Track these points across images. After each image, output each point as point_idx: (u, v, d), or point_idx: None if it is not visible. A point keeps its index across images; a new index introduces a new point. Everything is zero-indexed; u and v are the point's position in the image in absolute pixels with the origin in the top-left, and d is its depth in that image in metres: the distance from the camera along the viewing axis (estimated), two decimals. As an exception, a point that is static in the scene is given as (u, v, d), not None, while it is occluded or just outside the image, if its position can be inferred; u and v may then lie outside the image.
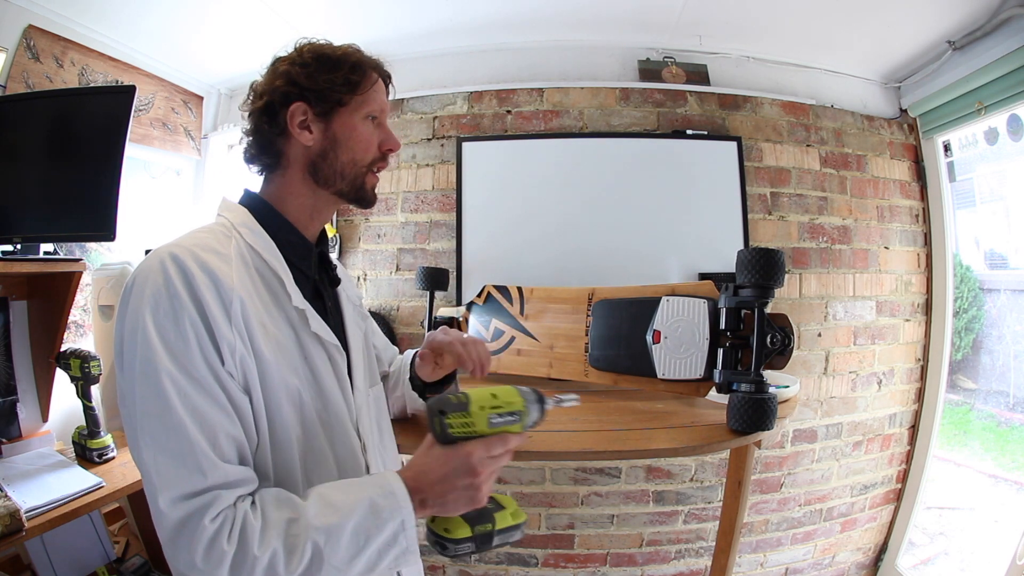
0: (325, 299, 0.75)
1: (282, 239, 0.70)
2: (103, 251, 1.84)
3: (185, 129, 2.14)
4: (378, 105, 0.74)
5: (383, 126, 0.75)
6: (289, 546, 0.53)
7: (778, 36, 1.94)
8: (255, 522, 0.53)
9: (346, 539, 0.55)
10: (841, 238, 2.02)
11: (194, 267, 0.57)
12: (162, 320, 0.55)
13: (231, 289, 0.59)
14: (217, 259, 0.60)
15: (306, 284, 0.71)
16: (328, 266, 0.79)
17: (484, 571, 1.97)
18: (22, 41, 1.53)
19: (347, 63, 0.71)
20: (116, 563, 1.53)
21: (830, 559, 2.09)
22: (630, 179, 1.92)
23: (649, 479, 1.93)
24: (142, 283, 0.57)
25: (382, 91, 0.75)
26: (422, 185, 1.98)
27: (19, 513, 1.04)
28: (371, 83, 0.73)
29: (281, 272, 0.66)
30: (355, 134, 0.71)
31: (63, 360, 1.39)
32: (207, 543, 0.51)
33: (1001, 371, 2.47)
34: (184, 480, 0.52)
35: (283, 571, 0.52)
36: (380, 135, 0.74)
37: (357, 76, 0.71)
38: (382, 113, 0.75)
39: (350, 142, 0.71)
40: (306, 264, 0.72)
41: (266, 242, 0.68)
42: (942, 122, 1.99)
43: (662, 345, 1.15)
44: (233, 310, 0.58)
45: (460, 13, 1.81)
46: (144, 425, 0.54)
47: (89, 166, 1.35)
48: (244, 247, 0.65)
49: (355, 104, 0.71)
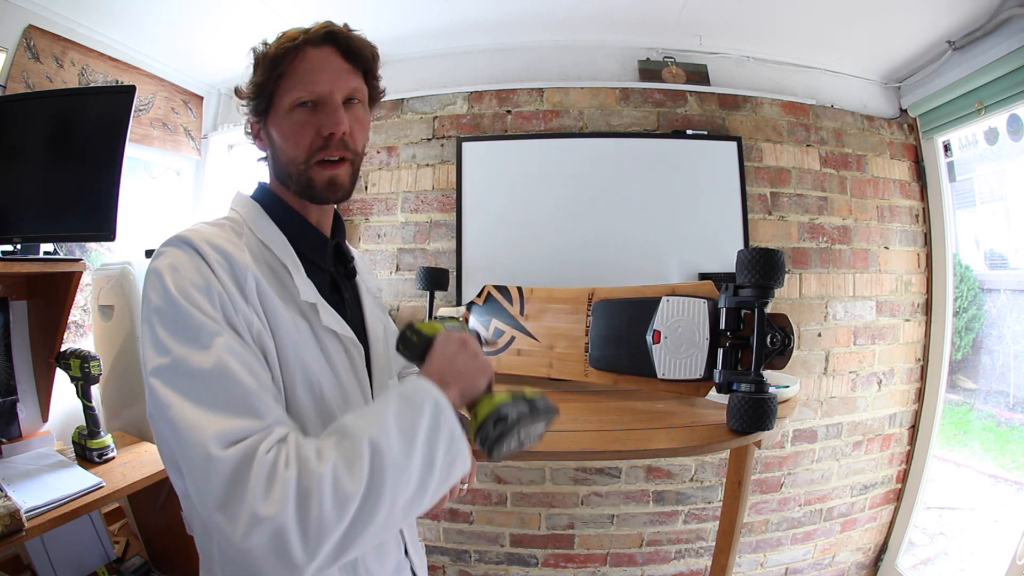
0: (343, 292, 0.73)
1: (294, 232, 0.68)
2: (103, 251, 1.84)
3: (185, 129, 2.14)
4: (303, 88, 0.63)
5: (324, 106, 0.64)
6: (347, 455, 0.49)
7: (778, 36, 1.94)
8: (308, 444, 0.51)
9: (394, 431, 0.51)
10: (841, 238, 2.02)
11: (206, 247, 0.57)
12: (185, 285, 0.54)
13: (245, 266, 0.58)
14: (229, 245, 0.60)
15: (321, 277, 0.69)
16: (345, 258, 0.76)
17: (484, 571, 1.97)
18: (22, 41, 1.53)
19: (266, 60, 0.65)
20: (116, 563, 1.53)
21: (830, 559, 2.09)
22: (630, 179, 1.92)
23: (649, 479, 1.93)
24: (158, 264, 0.56)
25: (312, 66, 0.64)
26: (422, 185, 1.98)
27: (19, 513, 1.04)
28: (289, 64, 0.64)
29: (291, 265, 0.65)
30: (282, 130, 0.65)
31: (63, 360, 1.39)
32: (267, 475, 0.47)
33: (1001, 371, 2.47)
34: (234, 421, 0.49)
35: (348, 482, 0.48)
36: (318, 119, 0.64)
37: (281, 67, 0.64)
38: (313, 92, 0.64)
39: (281, 140, 0.66)
40: (320, 256, 0.70)
41: (276, 235, 0.66)
42: (942, 122, 1.99)
43: (662, 345, 1.15)
44: (248, 286, 0.57)
45: (460, 13, 1.81)
46: (178, 379, 0.51)
47: (89, 166, 1.35)
48: (255, 242, 0.64)
49: (279, 100, 0.65)
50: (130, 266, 1.57)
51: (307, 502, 0.46)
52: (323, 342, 0.64)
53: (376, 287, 0.83)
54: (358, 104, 0.69)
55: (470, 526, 1.95)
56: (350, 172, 0.68)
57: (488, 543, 1.95)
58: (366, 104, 0.71)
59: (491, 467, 1.91)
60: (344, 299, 0.73)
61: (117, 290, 1.56)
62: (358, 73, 0.68)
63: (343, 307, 0.71)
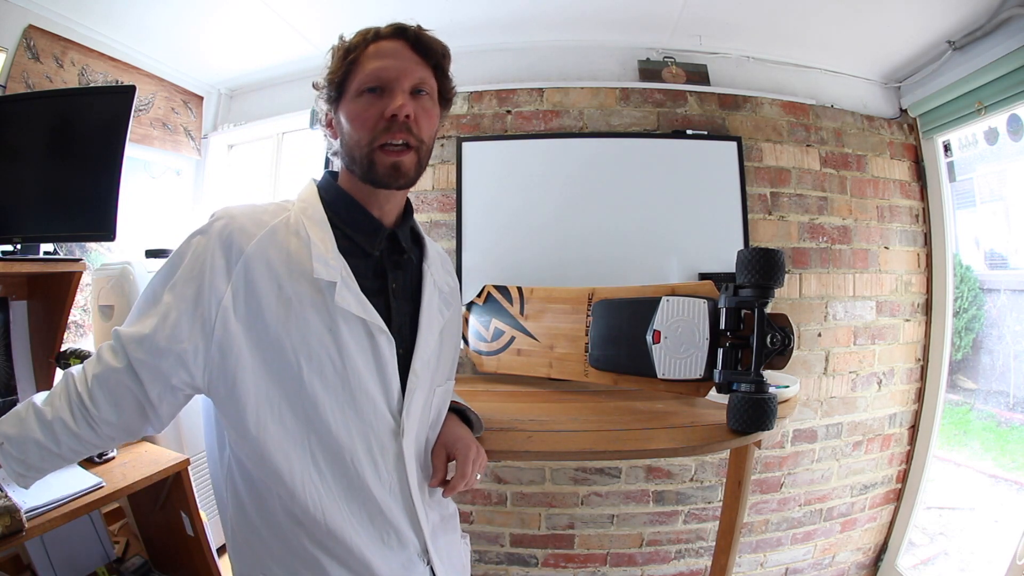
0: (389, 279, 0.73)
1: (345, 216, 0.71)
2: (103, 251, 1.84)
3: (185, 129, 2.14)
4: (370, 74, 0.68)
5: (390, 92, 0.68)
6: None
7: (778, 36, 1.94)
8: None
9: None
10: (841, 238, 2.02)
11: (218, 226, 0.65)
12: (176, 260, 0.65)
13: (241, 250, 0.64)
14: (252, 225, 0.66)
15: (367, 262, 0.71)
16: (400, 248, 0.75)
17: (484, 571, 1.97)
18: (22, 41, 1.53)
19: (342, 48, 0.70)
20: (116, 563, 1.53)
21: (830, 559, 2.09)
22: (630, 179, 1.92)
23: (649, 479, 1.93)
24: (192, 237, 0.66)
25: (381, 56, 0.68)
26: (422, 185, 1.98)
27: (19, 513, 1.04)
28: (358, 55, 0.69)
29: (316, 241, 0.66)
30: (349, 115, 0.69)
31: (63, 360, 1.39)
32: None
33: (1001, 371, 2.47)
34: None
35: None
36: (383, 103, 0.68)
37: (351, 58, 0.69)
38: (379, 79, 0.68)
39: (349, 124, 0.69)
40: (369, 241, 0.71)
41: (317, 215, 0.70)
42: (942, 122, 1.99)
43: (662, 345, 1.15)
44: (236, 269, 0.63)
45: (460, 13, 1.81)
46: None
47: (89, 166, 1.35)
48: (295, 219, 0.68)
49: (349, 87, 0.69)
50: (130, 266, 1.58)
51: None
52: (335, 321, 0.65)
53: (447, 283, 0.81)
54: (426, 96, 0.71)
55: (470, 526, 1.95)
56: (415, 160, 0.70)
57: (488, 543, 1.95)
58: (435, 98, 0.74)
59: (491, 467, 1.91)
60: (389, 288, 0.72)
61: (117, 290, 1.56)
62: (427, 66, 0.71)
63: (384, 295, 0.71)
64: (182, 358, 0.62)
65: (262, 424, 0.64)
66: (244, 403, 0.63)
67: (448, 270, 0.85)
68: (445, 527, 0.82)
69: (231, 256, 0.63)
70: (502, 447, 1.00)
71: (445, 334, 0.80)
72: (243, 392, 0.63)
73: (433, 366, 0.76)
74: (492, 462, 1.88)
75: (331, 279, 0.65)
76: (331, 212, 0.70)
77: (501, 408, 1.10)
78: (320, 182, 0.75)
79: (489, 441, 1.01)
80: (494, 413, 1.08)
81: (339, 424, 0.66)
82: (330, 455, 0.66)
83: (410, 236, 0.78)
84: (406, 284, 0.76)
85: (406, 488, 0.71)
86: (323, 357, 0.65)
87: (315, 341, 0.65)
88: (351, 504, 0.67)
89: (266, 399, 0.64)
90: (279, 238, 0.66)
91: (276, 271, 0.64)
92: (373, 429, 0.68)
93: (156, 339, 0.62)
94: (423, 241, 0.81)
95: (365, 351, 0.67)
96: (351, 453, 0.66)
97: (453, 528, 0.86)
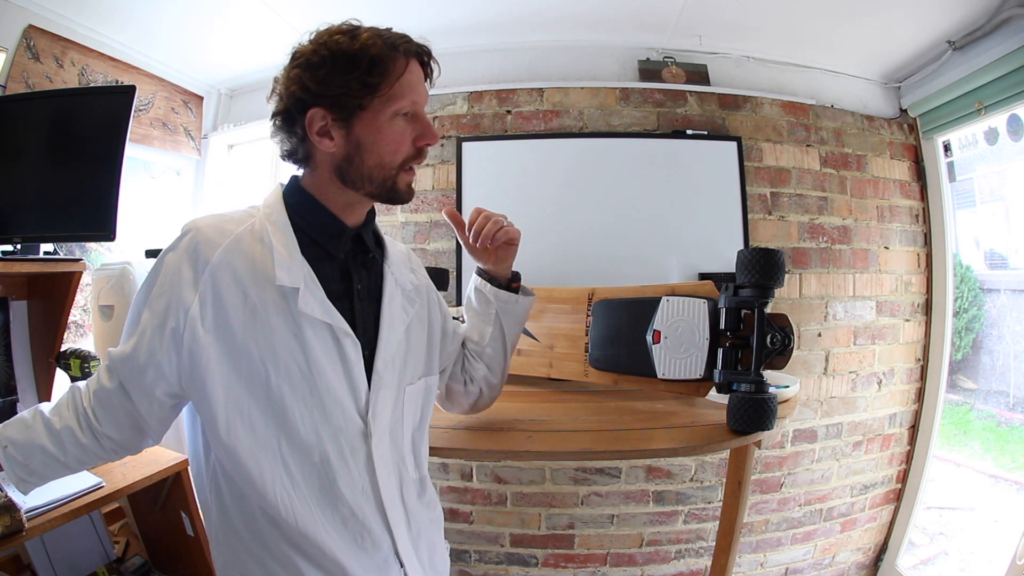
0: (354, 280, 0.73)
1: (311, 220, 0.71)
2: (103, 251, 1.84)
3: (185, 129, 2.14)
4: (408, 99, 0.67)
5: (418, 117, 0.70)
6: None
7: (778, 36, 1.94)
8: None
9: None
10: (841, 238, 2.02)
11: (185, 240, 0.66)
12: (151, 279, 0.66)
13: (207, 261, 0.64)
14: (217, 235, 0.66)
15: (332, 265, 0.71)
16: (364, 248, 0.75)
17: (484, 571, 1.97)
18: (22, 41, 1.53)
19: (363, 61, 0.64)
20: (116, 563, 1.53)
21: (830, 559, 2.09)
22: (630, 179, 1.92)
23: (649, 479, 1.93)
24: (166, 250, 0.67)
25: (414, 79, 0.68)
26: (422, 185, 1.98)
27: (19, 513, 1.04)
28: (396, 76, 0.66)
29: (278, 250, 0.66)
30: (381, 137, 0.67)
31: (63, 360, 1.39)
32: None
33: (1001, 371, 2.47)
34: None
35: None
36: (415, 129, 0.69)
37: (376, 77, 0.64)
38: (415, 105, 0.69)
39: (376, 146, 0.67)
40: (334, 245, 0.71)
41: (280, 220, 0.69)
42: (942, 122, 1.99)
43: (662, 345, 1.15)
44: (203, 279, 0.64)
45: (460, 13, 1.81)
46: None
47: (89, 166, 1.35)
48: (258, 227, 0.68)
49: (377, 105, 0.66)
50: (130, 266, 1.57)
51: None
52: (300, 327, 0.66)
53: (410, 281, 0.81)
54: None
55: (470, 526, 1.95)
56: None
57: (488, 543, 1.95)
58: None
59: (491, 467, 1.91)
60: (354, 290, 0.73)
61: (117, 290, 1.56)
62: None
63: (349, 297, 0.72)
64: (160, 370, 0.65)
65: (232, 429, 0.64)
66: (215, 409, 0.64)
67: (413, 267, 0.85)
68: (430, 529, 0.81)
69: (197, 266, 0.64)
70: (502, 447, 1.00)
71: (412, 331, 0.79)
72: (213, 398, 0.64)
73: (399, 365, 0.75)
74: (492, 462, 1.88)
75: (294, 285, 0.65)
76: (295, 216, 0.70)
77: (501, 408, 1.10)
78: (285, 187, 0.74)
79: (489, 441, 1.02)
80: (494, 413, 1.08)
81: (308, 428, 0.66)
82: (300, 459, 0.66)
83: (372, 238, 0.78)
84: (371, 285, 0.76)
85: (377, 489, 0.71)
86: (289, 363, 0.66)
87: (281, 347, 0.65)
88: (323, 507, 0.67)
89: (236, 405, 0.64)
90: (243, 246, 0.66)
91: (241, 279, 0.65)
92: (343, 432, 0.68)
93: (137, 357, 0.65)
94: (383, 242, 0.81)
95: (331, 355, 0.67)
96: (321, 456, 0.67)
97: (437, 531, 0.85)
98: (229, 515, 0.69)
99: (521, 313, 0.98)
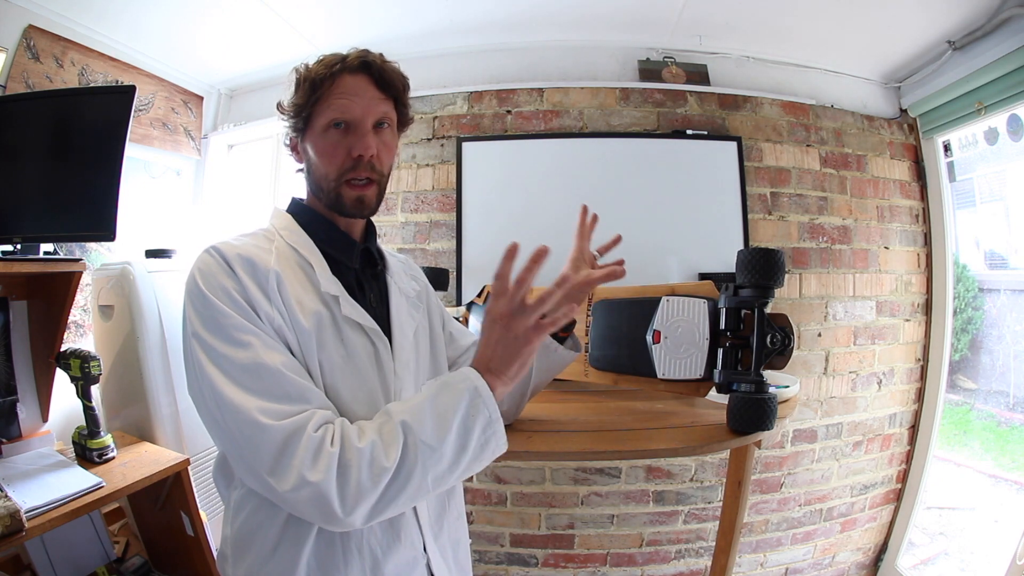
0: (367, 290, 0.77)
1: (323, 236, 0.75)
2: (103, 251, 1.84)
3: (185, 129, 2.14)
4: (337, 110, 0.70)
5: (355, 129, 0.71)
6: (385, 436, 0.59)
7: (778, 36, 1.94)
8: (352, 427, 0.61)
9: (428, 414, 0.60)
10: (841, 238, 2.02)
11: (231, 253, 0.65)
12: (215, 286, 0.62)
13: (267, 268, 0.65)
14: (256, 250, 0.67)
15: (348, 275, 0.75)
16: (373, 260, 0.81)
17: (484, 571, 1.97)
18: (22, 41, 1.53)
19: (308, 79, 0.71)
20: (116, 563, 1.53)
21: (830, 559, 2.09)
22: (630, 179, 1.92)
23: (649, 479, 1.93)
24: (193, 270, 0.64)
25: (349, 91, 0.70)
26: (422, 185, 1.98)
27: (19, 513, 1.04)
28: (327, 88, 0.70)
29: (315, 263, 0.71)
30: (317, 148, 0.72)
31: (63, 360, 1.39)
32: (315, 449, 0.57)
33: (1001, 371, 2.47)
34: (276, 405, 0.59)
35: (383, 458, 0.58)
36: (349, 141, 0.71)
37: (319, 90, 0.70)
38: (344, 112, 0.70)
39: (317, 157, 0.72)
40: (347, 256, 0.76)
41: (303, 239, 0.74)
42: (942, 122, 1.99)
43: (662, 345, 1.15)
44: (270, 286, 0.65)
45: (460, 13, 1.81)
46: (222, 366, 0.59)
47: (89, 166, 1.35)
48: (284, 247, 0.72)
49: (314, 118, 0.71)
50: (130, 266, 1.57)
51: (347, 472, 0.57)
52: (344, 331, 0.70)
53: (412, 288, 0.85)
54: (387, 129, 0.75)
55: (470, 526, 1.94)
56: (376, 192, 0.75)
57: (488, 543, 1.96)
58: (395, 128, 0.78)
59: (491, 467, 1.91)
60: (368, 296, 0.77)
61: (117, 290, 1.56)
62: (389, 100, 0.75)
63: (366, 303, 0.75)
64: (288, 346, 0.65)
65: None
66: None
67: (412, 274, 0.90)
68: (456, 526, 0.83)
69: (257, 275, 0.65)
70: (502, 447, 1.00)
71: (419, 335, 0.83)
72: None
73: (413, 367, 0.78)
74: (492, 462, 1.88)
75: (336, 293, 0.70)
76: (310, 233, 0.75)
77: (501, 408, 1.10)
78: (291, 208, 0.78)
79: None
80: (494, 413, 1.08)
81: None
82: None
83: (377, 251, 0.83)
84: (379, 294, 0.80)
85: None
86: (338, 360, 0.69)
87: (331, 346, 0.68)
88: None
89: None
90: (285, 257, 0.70)
91: (295, 286, 0.68)
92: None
93: (288, 361, 0.62)
94: (383, 254, 0.85)
95: (369, 356, 0.72)
96: None
97: (462, 527, 0.87)
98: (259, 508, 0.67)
99: (556, 364, 0.92)
